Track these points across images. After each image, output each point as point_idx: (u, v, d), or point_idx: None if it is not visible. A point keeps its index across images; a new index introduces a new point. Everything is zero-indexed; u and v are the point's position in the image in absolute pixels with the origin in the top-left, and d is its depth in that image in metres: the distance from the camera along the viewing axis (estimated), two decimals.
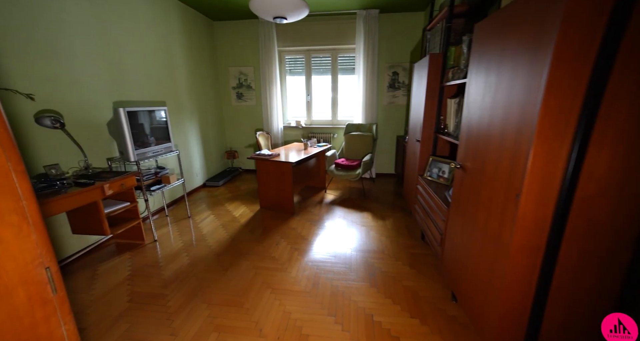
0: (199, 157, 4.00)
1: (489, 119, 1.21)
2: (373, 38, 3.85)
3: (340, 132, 4.51)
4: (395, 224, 2.83)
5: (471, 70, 1.39)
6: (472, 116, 1.36)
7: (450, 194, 1.72)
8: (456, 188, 1.53)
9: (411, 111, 2.75)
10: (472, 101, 1.37)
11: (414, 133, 2.53)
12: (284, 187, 3.04)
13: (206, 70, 4.12)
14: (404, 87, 4.15)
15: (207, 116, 4.18)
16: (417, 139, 2.36)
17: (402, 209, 3.22)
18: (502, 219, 1.10)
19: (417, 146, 2.40)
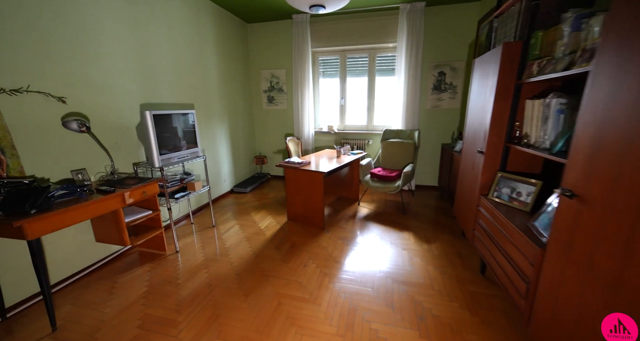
0: (227, 162, 3.89)
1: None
2: (417, 35, 3.44)
3: (376, 139, 4.13)
4: (443, 249, 2.37)
5: (604, 53, 0.94)
6: (607, 123, 0.92)
7: (542, 227, 1.28)
8: (562, 223, 1.09)
9: (468, 116, 2.30)
10: (605, 100, 0.93)
11: (473, 142, 2.08)
12: (314, 199, 2.74)
13: (238, 73, 4.03)
14: (451, 88, 3.66)
15: (237, 119, 4.08)
16: (479, 149, 1.91)
17: (450, 230, 2.73)
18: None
19: (477, 158, 1.96)
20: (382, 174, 3.26)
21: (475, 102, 2.13)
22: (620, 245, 0.85)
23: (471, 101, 2.23)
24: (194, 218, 3.12)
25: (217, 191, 3.68)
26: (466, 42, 3.47)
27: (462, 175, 2.32)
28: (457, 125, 3.75)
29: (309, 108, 4.12)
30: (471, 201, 2.02)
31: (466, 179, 2.19)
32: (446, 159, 3.44)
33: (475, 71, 2.20)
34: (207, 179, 2.77)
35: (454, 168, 3.06)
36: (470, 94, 2.22)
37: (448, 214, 3.14)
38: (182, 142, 2.46)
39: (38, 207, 1.38)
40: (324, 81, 4.29)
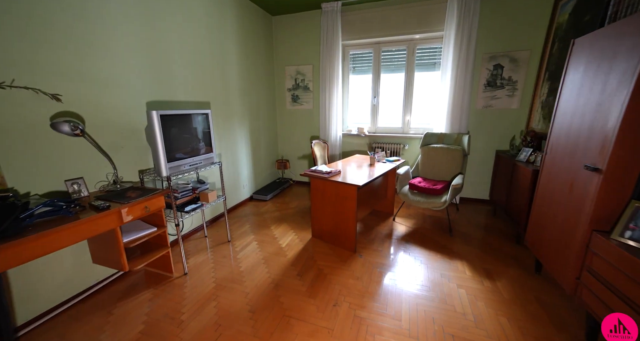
0: (247, 167, 3.56)
1: None
2: (471, 21, 2.88)
3: (413, 144, 3.60)
4: (515, 291, 1.82)
5: None
6: None
7: None
8: None
9: (559, 117, 1.71)
10: None
11: (573, 153, 1.52)
12: (345, 216, 2.30)
13: (261, 69, 3.70)
14: (509, 84, 3.04)
15: (259, 120, 3.75)
16: (590, 164, 1.35)
17: (518, 262, 2.16)
18: None
19: (584, 177, 1.39)
20: (424, 186, 2.74)
21: (575, 99, 1.55)
22: None
23: (565, 96, 1.65)
24: (208, 229, 2.81)
25: (234, 199, 3.36)
26: (534, 27, 2.84)
27: (546, 196, 1.75)
28: (517, 128, 3.12)
29: (337, 108, 3.69)
30: (570, 236, 1.46)
31: (557, 203, 1.62)
32: (503, 169, 2.84)
33: (576, 55, 1.61)
34: (222, 188, 2.44)
35: (516, 182, 2.46)
36: (565, 87, 1.65)
37: (507, 238, 2.55)
38: (194, 146, 2.13)
39: (1, 233, 1.08)
40: (354, 77, 3.84)
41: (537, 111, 2.81)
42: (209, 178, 2.76)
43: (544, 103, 2.67)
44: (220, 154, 2.94)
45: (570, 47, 1.60)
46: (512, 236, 2.58)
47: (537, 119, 2.78)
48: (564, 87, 1.64)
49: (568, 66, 1.61)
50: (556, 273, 1.57)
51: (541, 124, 2.70)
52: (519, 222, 2.38)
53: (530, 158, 2.44)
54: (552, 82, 2.56)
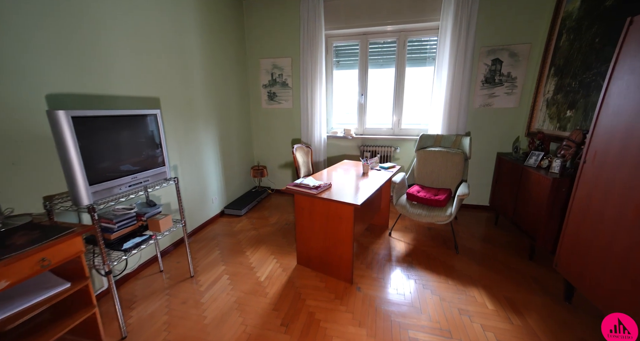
0: (216, 177, 3.00)
1: None
2: (469, 10, 2.57)
3: (405, 146, 3.26)
4: (553, 331, 1.49)
5: None
6: None
7: None
8: None
9: (604, 118, 1.38)
10: None
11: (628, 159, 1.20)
12: (339, 240, 1.86)
13: (230, 62, 3.14)
14: (509, 81, 2.79)
15: (230, 122, 3.19)
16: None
17: (542, 287, 1.85)
18: None
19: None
20: (424, 197, 2.38)
21: (633, 94, 1.23)
22: None
23: (619, 91, 1.32)
24: (167, 259, 2.23)
25: (201, 217, 2.79)
26: (536, 18, 2.59)
27: (590, 215, 1.42)
28: (517, 129, 2.88)
29: (320, 107, 3.24)
30: (627, 263, 1.14)
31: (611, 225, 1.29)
32: (507, 174, 2.56)
33: (634, 38, 1.28)
34: (180, 211, 1.88)
35: (527, 190, 2.18)
36: (617, 80, 1.32)
37: (519, 253, 2.26)
38: (137, 159, 1.57)
39: None
40: (339, 73, 3.41)
41: (540, 110, 2.57)
42: (164, 197, 2.18)
43: (551, 101, 2.43)
44: (176, 166, 2.35)
45: (626, 27, 1.27)
46: (523, 250, 2.31)
47: (542, 119, 2.54)
48: (615, 80, 1.32)
49: (620, 52, 1.29)
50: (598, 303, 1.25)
51: (547, 124, 2.46)
52: (533, 236, 2.09)
53: (542, 163, 2.16)
54: (561, 78, 2.32)
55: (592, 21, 2.03)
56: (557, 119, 2.32)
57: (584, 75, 2.07)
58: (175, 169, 2.33)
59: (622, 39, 1.27)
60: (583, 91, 2.06)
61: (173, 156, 2.30)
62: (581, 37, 2.12)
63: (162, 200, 2.16)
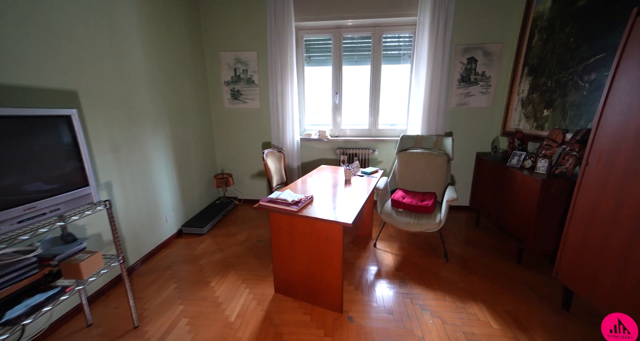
0: (170, 190, 2.50)
1: None
2: (447, 6, 2.47)
3: (383, 148, 3.09)
4: None
5: None
6: None
7: None
8: None
9: (609, 118, 1.27)
10: None
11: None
12: (326, 263, 1.56)
13: (183, 53, 2.65)
14: (483, 80, 2.77)
15: (185, 124, 2.70)
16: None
17: (538, 295, 1.77)
18: None
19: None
20: (410, 203, 2.20)
21: None
22: None
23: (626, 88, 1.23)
24: (97, 307, 1.71)
25: (151, 241, 2.28)
26: (507, 18, 2.59)
27: (597, 221, 1.33)
28: (493, 128, 2.87)
29: (292, 107, 2.92)
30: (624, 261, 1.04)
31: (624, 233, 1.19)
32: (488, 175, 2.52)
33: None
34: (117, 244, 1.41)
35: (512, 192, 2.12)
36: (621, 76, 1.22)
37: (506, 257, 2.20)
38: (35, 182, 1.09)
39: None
40: (310, 70, 3.12)
41: (515, 110, 2.57)
42: (94, 225, 1.67)
43: (526, 100, 2.42)
44: (110, 184, 1.83)
45: (632, 19, 1.18)
46: (510, 253, 2.25)
47: (517, 119, 2.54)
48: (621, 77, 1.22)
49: (626, 47, 1.20)
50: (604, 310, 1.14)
51: (523, 123, 2.46)
52: (521, 239, 2.03)
53: (524, 163, 2.12)
54: (535, 77, 2.31)
55: (565, 21, 2.03)
56: (534, 118, 2.31)
57: (560, 74, 2.06)
58: (108, 188, 1.81)
59: (628, 32, 1.18)
60: (560, 91, 2.05)
61: (106, 171, 1.79)
62: (554, 37, 2.12)
63: (88, 231, 1.64)
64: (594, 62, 1.80)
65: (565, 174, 1.85)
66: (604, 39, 1.74)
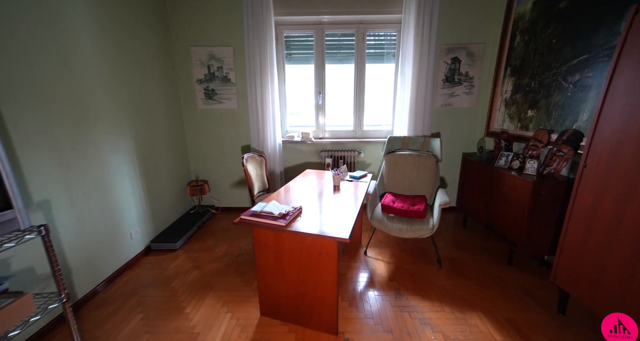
0: (136, 202, 2.19)
1: None
2: (432, 4, 2.42)
3: (369, 150, 2.99)
4: None
5: None
6: None
7: None
8: None
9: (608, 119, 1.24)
10: None
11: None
12: (320, 282, 1.40)
13: (149, 47, 2.35)
14: (467, 80, 2.76)
15: (152, 127, 2.40)
16: None
17: (534, 299, 1.73)
18: None
19: None
20: (401, 208, 2.11)
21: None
22: None
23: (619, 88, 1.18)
24: None
25: (111, 263, 1.97)
26: (489, 18, 2.59)
27: (599, 224, 1.29)
28: (477, 129, 2.88)
29: (273, 107, 2.72)
30: None
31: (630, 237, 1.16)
32: (476, 176, 2.50)
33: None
34: (58, 280, 1.14)
35: (502, 193, 2.10)
36: (619, 78, 1.18)
37: (497, 259, 2.18)
38: None
39: None
40: (291, 68, 2.94)
41: (499, 110, 2.58)
42: (24, 258, 1.36)
43: (509, 101, 2.44)
44: (48, 202, 1.50)
45: (630, 16, 1.14)
46: (501, 255, 2.23)
47: (501, 119, 2.55)
48: (619, 78, 1.19)
49: (625, 45, 1.16)
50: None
51: (507, 124, 2.47)
52: (512, 241, 2.01)
53: (512, 164, 2.11)
54: (518, 78, 2.33)
55: (547, 22, 2.05)
56: (518, 119, 2.32)
57: (543, 75, 2.07)
58: (46, 208, 1.48)
59: (627, 31, 1.14)
60: (544, 91, 2.06)
61: (44, 186, 1.47)
62: (536, 38, 2.14)
63: (16, 266, 1.32)
64: (577, 63, 1.81)
65: (553, 175, 1.85)
66: (587, 40, 1.75)
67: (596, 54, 1.69)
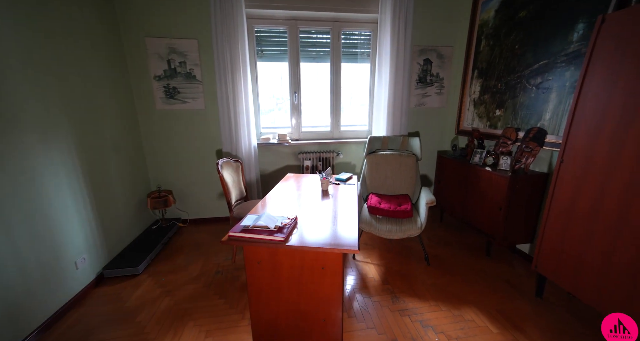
0: (81, 223, 1.81)
1: None
2: (407, 6, 2.45)
3: (347, 151, 2.95)
4: (554, 337, 1.42)
5: None
6: None
7: None
8: None
9: (582, 120, 1.39)
10: None
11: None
12: (324, 299, 1.28)
13: (90, 34, 1.96)
14: (438, 81, 2.89)
15: (99, 132, 2.01)
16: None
17: (514, 287, 1.84)
18: None
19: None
20: (388, 208, 2.09)
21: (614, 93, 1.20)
22: None
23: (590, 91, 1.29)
24: None
25: (49, 303, 1.59)
26: (456, 23, 2.73)
27: (578, 216, 1.39)
28: (448, 128, 3.02)
29: (247, 107, 2.50)
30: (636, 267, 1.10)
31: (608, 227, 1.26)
32: (451, 173, 2.61)
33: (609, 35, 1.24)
34: None
35: (478, 189, 2.22)
36: (590, 80, 1.29)
37: (477, 252, 2.29)
38: None
39: None
40: (263, 65, 2.75)
41: (468, 110, 2.74)
42: None
43: (478, 101, 2.59)
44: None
45: (597, 25, 1.24)
46: (479, 248, 2.36)
47: (470, 118, 2.71)
48: (590, 81, 1.29)
49: (593, 52, 1.26)
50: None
51: (476, 122, 2.63)
52: (490, 234, 2.12)
53: (486, 161, 2.24)
54: (485, 80, 2.49)
55: (509, 29, 2.21)
56: (487, 118, 2.48)
57: (508, 77, 2.24)
58: None
59: (595, 39, 1.25)
60: (510, 92, 2.23)
61: None
62: (500, 43, 2.30)
63: None
64: (539, 68, 1.98)
65: (524, 170, 2.00)
66: (545, 47, 1.92)
67: (554, 60, 1.86)
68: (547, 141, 1.91)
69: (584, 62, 1.32)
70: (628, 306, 1.17)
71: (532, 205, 1.99)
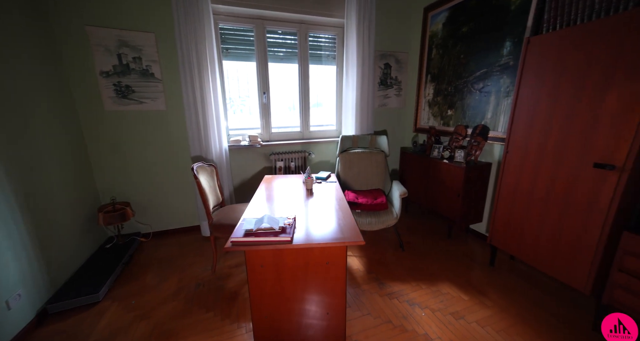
0: (13, 251, 1.50)
1: None
2: (369, 11, 2.63)
3: (319, 150, 3.03)
4: (514, 300, 1.73)
5: None
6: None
7: None
8: None
9: (520, 119, 1.71)
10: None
11: (566, 153, 1.47)
12: (329, 292, 1.32)
13: (10, 26, 1.61)
14: (396, 84, 3.17)
15: (30, 141, 1.67)
16: (604, 162, 1.31)
17: (472, 260, 2.17)
18: None
19: (597, 176, 1.35)
20: (366, 202, 2.25)
21: (547, 100, 1.53)
22: None
23: (523, 98, 1.61)
24: None
25: None
26: (410, 32, 3.03)
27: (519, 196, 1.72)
28: (407, 126, 3.33)
29: (215, 109, 2.36)
30: (577, 237, 1.43)
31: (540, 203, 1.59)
32: (413, 167, 2.89)
33: (534, 54, 1.56)
34: None
35: (439, 180, 2.52)
36: (525, 88, 1.61)
37: (440, 236, 2.60)
38: None
39: None
40: (228, 64, 2.62)
41: (423, 110, 3.07)
42: None
43: (432, 102, 2.93)
44: None
45: (524, 46, 1.56)
46: (441, 232, 2.68)
47: (426, 117, 3.05)
48: (523, 89, 1.61)
49: (524, 67, 1.58)
50: (559, 275, 1.55)
51: (432, 121, 2.97)
52: (450, 218, 2.44)
53: (444, 154, 2.56)
54: (438, 83, 2.83)
55: (455, 42, 2.57)
56: (441, 117, 2.83)
57: (457, 82, 2.60)
58: None
59: (524, 56, 1.57)
60: (458, 95, 2.59)
61: None
62: (449, 52, 2.65)
63: None
64: (480, 75, 2.35)
65: (474, 161, 2.36)
66: (484, 58, 2.29)
67: (492, 69, 2.25)
68: (490, 135, 2.29)
69: (518, 73, 1.65)
70: (552, 260, 1.52)
71: (481, 190, 2.36)
